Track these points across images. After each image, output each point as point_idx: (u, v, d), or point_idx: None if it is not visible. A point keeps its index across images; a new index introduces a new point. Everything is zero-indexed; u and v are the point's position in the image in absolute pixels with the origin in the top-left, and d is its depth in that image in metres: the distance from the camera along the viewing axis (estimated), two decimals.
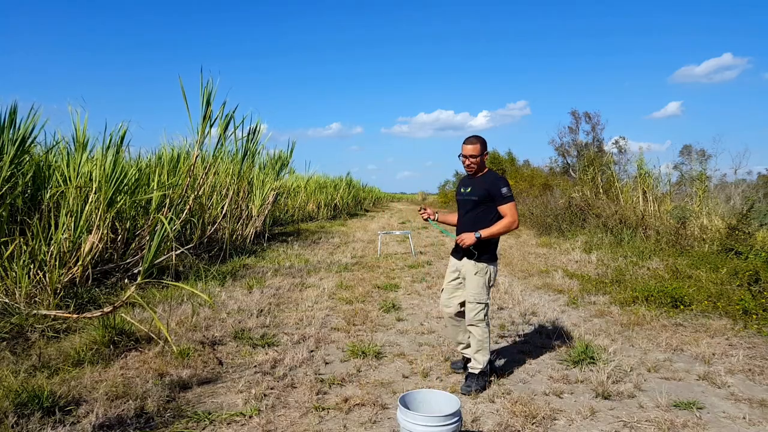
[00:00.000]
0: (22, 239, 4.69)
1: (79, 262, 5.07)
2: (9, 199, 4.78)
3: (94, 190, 5.42)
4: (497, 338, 4.33)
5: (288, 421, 2.75)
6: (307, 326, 4.53)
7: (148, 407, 2.81)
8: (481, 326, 3.19)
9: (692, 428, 2.68)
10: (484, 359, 3.22)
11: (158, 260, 5.77)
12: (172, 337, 3.75)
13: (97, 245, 5.33)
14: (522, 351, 3.97)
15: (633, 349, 3.99)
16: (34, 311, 4.17)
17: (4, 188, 4.74)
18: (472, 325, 3.21)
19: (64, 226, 4.96)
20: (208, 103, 6.50)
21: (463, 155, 3.25)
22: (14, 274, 4.44)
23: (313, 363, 3.64)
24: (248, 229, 9.77)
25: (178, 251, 6.33)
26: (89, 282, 5.21)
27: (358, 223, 17.72)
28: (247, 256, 8.52)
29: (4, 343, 3.65)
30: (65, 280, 4.81)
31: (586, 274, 6.86)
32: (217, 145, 7.59)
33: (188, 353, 3.64)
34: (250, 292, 5.78)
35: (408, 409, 2.35)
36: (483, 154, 3.24)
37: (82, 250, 5.13)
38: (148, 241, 5.85)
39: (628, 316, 4.82)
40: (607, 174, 12.52)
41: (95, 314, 3.90)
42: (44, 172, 5.60)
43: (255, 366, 3.55)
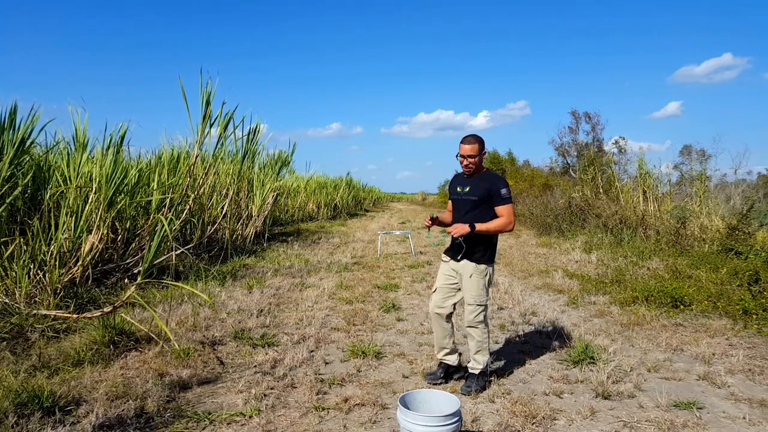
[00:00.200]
0: (22, 239, 4.69)
1: (79, 262, 5.07)
2: (9, 199, 4.77)
3: (94, 190, 5.42)
4: (497, 338, 4.33)
5: (288, 421, 2.75)
6: (307, 326, 4.53)
7: (148, 407, 2.81)
8: (480, 327, 3.18)
9: (692, 428, 2.68)
10: (484, 359, 3.21)
11: (158, 260, 5.77)
12: (172, 337, 3.75)
13: (97, 245, 5.33)
14: (522, 351, 3.97)
15: (633, 349, 3.99)
16: (34, 311, 4.17)
17: (4, 188, 4.74)
18: (472, 327, 3.18)
19: (64, 226, 4.96)
20: (207, 104, 6.50)
21: (462, 155, 3.17)
22: (14, 274, 4.44)
23: (313, 363, 3.64)
24: (248, 229, 9.77)
25: (178, 251, 6.33)
26: (89, 282, 5.21)
27: (358, 223, 17.72)
28: (247, 256, 8.52)
29: (4, 343, 3.65)
30: (65, 280, 4.81)
31: (586, 274, 6.86)
32: (217, 145, 7.60)
33: (188, 353, 3.64)
34: (250, 292, 5.78)
35: (408, 409, 2.35)
36: (481, 154, 3.17)
37: (82, 250, 5.13)
38: (148, 241, 5.86)
39: (628, 316, 4.82)
40: (607, 174, 12.53)
41: (95, 314, 3.90)
42: (44, 173, 5.60)
43: (255, 366, 3.55)
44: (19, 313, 4.10)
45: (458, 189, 3.27)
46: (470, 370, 3.25)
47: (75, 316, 4.05)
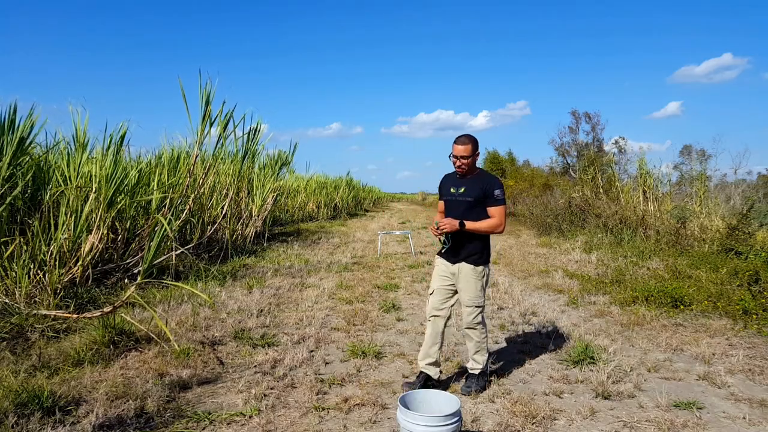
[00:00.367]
0: (22, 239, 4.69)
1: (79, 262, 5.07)
2: (8, 199, 4.77)
3: (94, 190, 5.42)
4: (497, 338, 4.33)
5: (288, 421, 2.75)
6: (307, 326, 4.53)
7: (148, 407, 2.81)
8: (479, 328, 3.16)
9: (692, 428, 2.68)
10: (483, 359, 3.21)
11: (158, 260, 5.77)
12: (172, 337, 3.75)
13: (97, 245, 5.33)
14: (522, 351, 3.97)
15: (633, 349, 3.99)
16: (34, 311, 4.17)
17: (4, 188, 4.74)
18: (471, 329, 3.15)
19: (64, 227, 4.96)
20: (207, 103, 6.50)
21: (455, 155, 3.10)
22: (14, 274, 4.44)
23: (313, 363, 3.64)
24: (248, 229, 9.77)
25: (178, 251, 6.33)
26: (89, 282, 5.21)
27: (358, 223, 17.72)
28: (247, 256, 8.52)
29: (4, 343, 3.65)
30: (65, 280, 4.81)
31: (586, 274, 6.86)
32: (217, 145, 7.60)
33: (188, 353, 3.64)
34: (250, 292, 5.78)
35: (408, 409, 2.35)
36: (474, 155, 3.11)
37: (82, 250, 5.13)
38: (147, 241, 5.86)
39: (628, 316, 4.82)
40: (607, 174, 12.53)
41: (95, 314, 3.90)
42: (44, 173, 5.61)
43: (255, 366, 3.55)
44: (19, 313, 4.10)
45: (452, 190, 3.20)
46: (470, 371, 3.24)
47: (75, 316, 4.05)
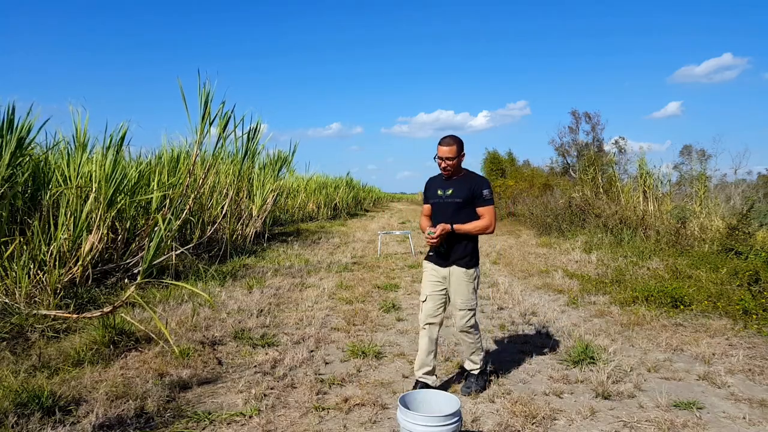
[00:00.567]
0: (22, 239, 4.69)
1: (79, 262, 5.07)
2: (8, 199, 4.77)
3: (93, 190, 5.42)
4: (497, 338, 4.33)
5: (288, 421, 2.75)
6: (307, 326, 4.53)
7: (148, 407, 2.81)
8: (473, 331, 3.11)
9: (692, 428, 2.68)
10: (480, 358, 3.18)
11: (158, 260, 5.77)
12: (172, 337, 3.75)
13: (97, 245, 5.33)
14: (522, 351, 3.97)
15: (633, 349, 3.99)
16: (34, 311, 4.17)
17: (3, 188, 4.74)
18: (465, 332, 3.09)
19: (64, 227, 4.96)
20: (206, 104, 6.50)
21: (440, 157, 3.04)
22: (14, 274, 4.45)
23: (313, 363, 3.64)
24: (248, 229, 9.77)
25: (178, 251, 6.33)
26: (89, 282, 5.21)
27: (358, 223, 17.72)
28: (247, 256, 8.52)
29: (4, 343, 3.65)
30: (65, 280, 4.81)
31: (586, 274, 6.86)
32: (217, 144, 7.60)
33: (188, 353, 3.64)
34: (250, 292, 5.78)
35: (408, 409, 2.35)
36: (460, 155, 3.06)
37: (82, 250, 5.13)
38: (147, 241, 5.85)
39: (628, 316, 4.82)
40: (608, 174, 12.53)
41: (95, 314, 3.90)
42: (44, 172, 5.60)
43: (255, 366, 3.55)
44: (19, 313, 4.09)
45: (439, 192, 3.14)
46: (470, 371, 3.23)
47: (75, 316, 4.05)
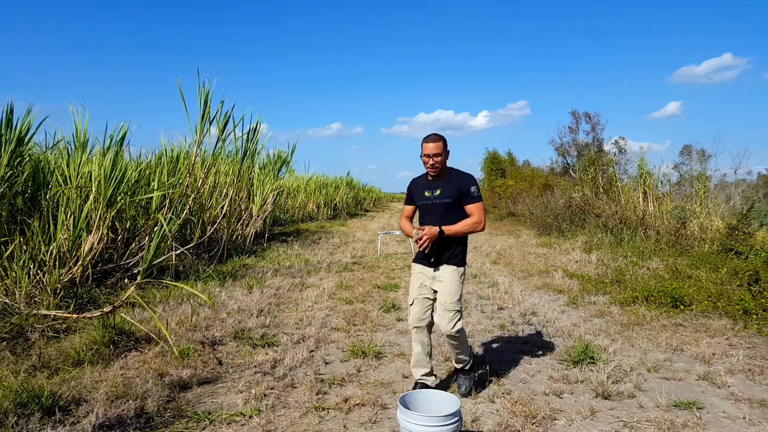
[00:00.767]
0: (22, 239, 4.69)
1: (79, 262, 5.07)
2: (7, 199, 4.77)
3: (93, 190, 5.42)
4: (497, 338, 4.33)
5: (288, 421, 2.75)
6: (307, 326, 4.53)
7: (148, 407, 2.81)
8: (461, 333, 3.01)
9: (692, 428, 2.68)
10: (468, 355, 3.12)
11: (158, 260, 5.77)
12: (172, 337, 3.75)
13: (97, 245, 5.33)
14: (522, 351, 3.97)
15: (633, 349, 3.99)
16: (34, 311, 4.17)
17: (3, 188, 4.74)
18: (452, 337, 2.99)
19: (64, 227, 4.96)
20: (206, 103, 6.50)
21: (426, 155, 2.98)
22: (14, 274, 4.44)
23: (313, 363, 3.64)
24: (248, 229, 9.77)
25: (178, 251, 6.33)
26: (89, 282, 5.21)
27: (358, 223, 17.72)
28: (247, 256, 8.52)
29: (4, 343, 3.65)
30: (65, 280, 4.81)
31: (586, 274, 6.86)
32: (217, 144, 7.60)
33: (188, 353, 3.64)
34: (250, 292, 5.78)
35: (408, 409, 2.35)
36: (446, 152, 3.02)
37: (82, 250, 5.13)
38: (147, 241, 5.86)
39: (628, 316, 4.82)
40: (608, 174, 12.53)
41: (95, 314, 3.90)
42: (44, 172, 5.60)
43: (255, 366, 3.55)
44: (19, 313, 4.09)
45: (426, 193, 3.07)
46: (460, 369, 3.17)
47: (75, 316, 4.05)
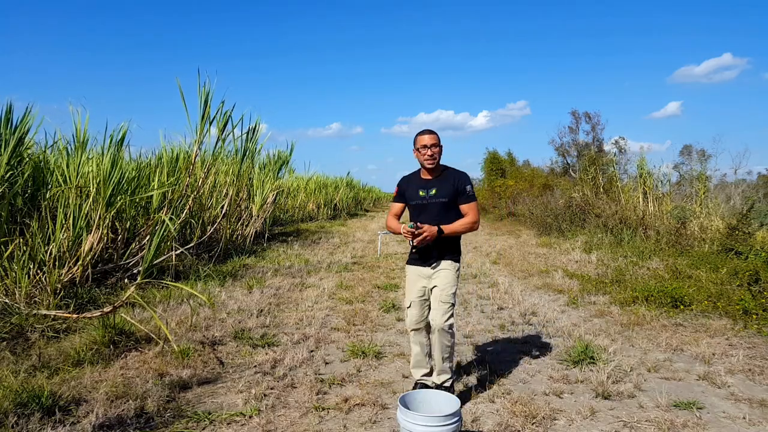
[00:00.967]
0: (22, 239, 4.69)
1: (79, 262, 5.07)
2: (7, 199, 4.77)
3: (92, 189, 5.41)
4: (497, 338, 4.33)
5: (288, 421, 2.75)
6: (307, 326, 4.53)
7: (148, 407, 2.81)
8: (452, 330, 2.94)
9: (692, 428, 2.68)
10: (451, 366, 3.04)
11: (158, 260, 5.77)
12: (172, 337, 3.75)
13: (96, 245, 5.33)
14: (522, 351, 3.97)
15: (633, 349, 3.99)
16: (34, 311, 4.17)
17: (3, 187, 4.74)
18: (444, 331, 2.88)
19: (64, 226, 4.96)
20: (206, 103, 6.50)
21: (424, 146, 2.92)
22: (14, 274, 4.44)
23: (313, 363, 3.64)
24: (248, 229, 9.77)
25: (178, 251, 6.33)
26: (89, 282, 5.21)
27: (358, 223, 17.72)
28: (247, 256, 8.52)
29: (4, 343, 3.65)
30: (65, 280, 4.81)
31: (586, 274, 6.86)
32: (216, 144, 7.60)
33: (188, 353, 3.64)
34: (250, 292, 5.78)
35: (408, 409, 2.35)
36: (441, 146, 2.98)
37: (82, 249, 5.13)
38: (148, 241, 5.85)
39: (628, 316, 4.82)
40: (608, 174, 12.53)
41: (95, 314, 3.90)
42: (44, 172, 5.60)
43: (255, 366, 3.55)
44: (19, 313, 4.09)
45: (421, 192, 3.00)
46: (440, 384, 3.03)
47: (75, 316, 4.05)
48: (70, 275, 4.95)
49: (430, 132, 2.98)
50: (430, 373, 3.12)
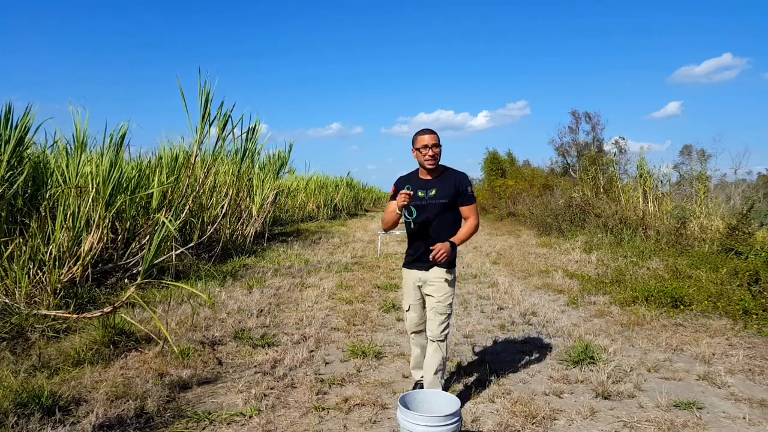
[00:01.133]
0: (22, 239, 4.69)
1: (79, 262, 5.07)
2: (7, 199, 4.77)
3: (92, 189, 5.41)
4: (497, 338, 4.33)
5: (288, 421, 2.75)
6: (307, 326, 4.53)
7: (148, 407, 2.81)
8: (446, 341, 2.88)
9: (692, 428, 2.68)
10: (442, 379, 2.93)
11: (158, 260, 5.77)
12: (172, 337, 3.75)
13: (96, 245, 5.33)
14: (522, 351, 3.97)
15: (633, 349, 3.99)
16: (34, 311, 4.17)
17: (2, 187, 4.74)
18: (440, 342, 2.83)
19: (63, 226, 4.96)
20: (206, 103, 6.50)
21: (425, 145, 2.84)
22: (14, 274, 4.44)
23: (313, 363, 3.64)
24: (248, 228, 9.77)
25: (178, 251, 6.33)
26: (89, 282, 5.21)
27: (358, 223, 17.72)
28: (247, 256, 8.52)
29: (4, 343, 3.65)
30: (65, 280, 4.81)
31: (586, 274, 6.86)
32: (216, 144, 7.60)
33: (188, 353, 3.64)
34: (250, 292, 5.78)
35: (408, 409, 2.35)
36: (440, 146, 2.90)
37: (82, 249, 5.13)
38: (148, 241, 5.85)
39: (628, 316, 4.82)
40: (608, 174, 12.53)
41: (95, 314, 3.90)
42: (44, 173, 5.60)
43: (255, 366, 3.55)
44: (19, 313, 4.09)
45: (420, 193, 2.91)
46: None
47: (75, 316, 4.05)
48: (70, 275, 4.95)
49: (431, 131, 2.91)
50: None
